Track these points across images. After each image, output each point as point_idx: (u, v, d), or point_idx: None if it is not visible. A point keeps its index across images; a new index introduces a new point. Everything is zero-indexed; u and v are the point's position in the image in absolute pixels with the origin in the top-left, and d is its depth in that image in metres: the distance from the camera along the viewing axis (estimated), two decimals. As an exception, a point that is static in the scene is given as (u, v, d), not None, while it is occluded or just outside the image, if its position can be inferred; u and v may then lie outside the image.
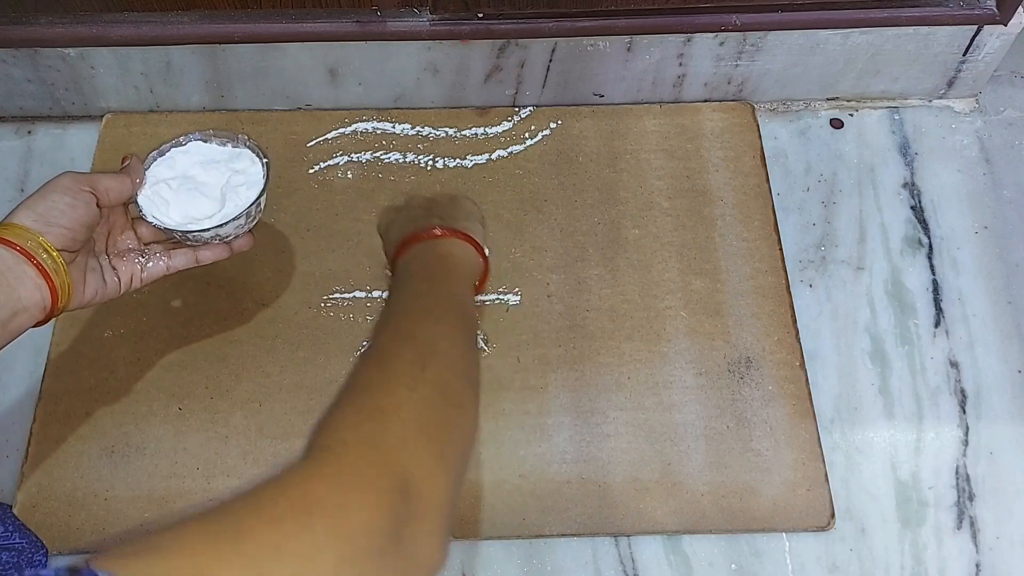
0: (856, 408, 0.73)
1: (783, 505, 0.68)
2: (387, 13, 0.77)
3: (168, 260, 0.64)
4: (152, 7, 0.75)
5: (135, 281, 0.63)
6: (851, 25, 0.79)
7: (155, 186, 0.64)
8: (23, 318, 0.55)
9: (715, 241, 0.79)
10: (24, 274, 0.54)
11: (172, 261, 0.64)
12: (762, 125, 0.85)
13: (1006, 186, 0.83)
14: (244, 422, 0.71)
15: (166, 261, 0.64)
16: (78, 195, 0.57)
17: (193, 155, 0.66)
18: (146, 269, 0.63)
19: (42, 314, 0.56)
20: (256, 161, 0.66)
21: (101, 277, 0.61)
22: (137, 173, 0.63)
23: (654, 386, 0.73)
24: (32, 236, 0.55)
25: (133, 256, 0.63)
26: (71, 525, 0.67)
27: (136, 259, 0.63)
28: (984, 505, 0.69)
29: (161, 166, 0.65)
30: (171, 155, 0.66)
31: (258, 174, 0.66)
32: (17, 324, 0.55)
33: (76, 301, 0.59)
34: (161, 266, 0.64)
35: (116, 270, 0.62)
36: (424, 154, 0.83)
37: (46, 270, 0.55)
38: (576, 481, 0.69)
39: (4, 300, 0.54)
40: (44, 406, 0.71)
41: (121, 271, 0.62)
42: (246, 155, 0.67)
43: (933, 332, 0.76)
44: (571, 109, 0.86)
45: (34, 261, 0.55)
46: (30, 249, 0.54)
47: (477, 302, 0.76)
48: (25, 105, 0.85)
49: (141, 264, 0.63)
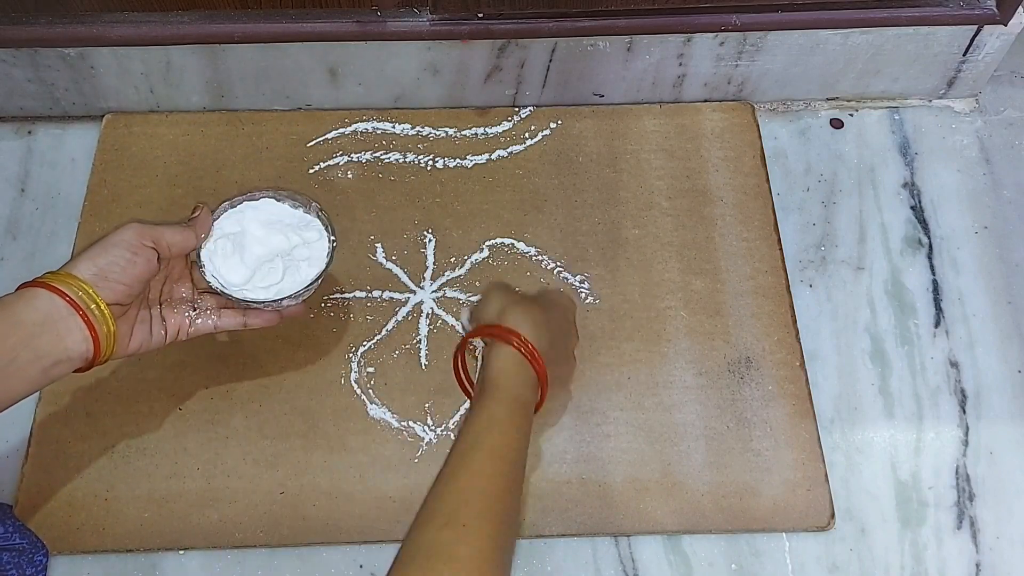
0: (856, 408, 0.73)
1: (783, 505, 0.68)
2: (387, 13, 0.77)
3: (217, 320, 0.64)
4: (152, 7, 0.75)
5: (182, 334, 0.63)
6: (851, 25, 0.79)
7: (219, 240, 0.63)
8: (64, 366, 0.56)
9: (715, 241, 0.79)
10: (74, 326, 0.55)
11: (220, 321, 0.64)
12: (762, 125, 0.85)
13: (1006, 186, 0.83)
14: (244, 422, 0.71)
15: (215, 320, 0.64)
16: (140, 251, 0.58)
17: (262, 212, 0.65)
18: (194, 324, 0.63)
19: (83, 363, 0.57)
20: (323, 235, 0.66)
21: (149, 329, 0.61)
22: (203, 226, 0.62)
23: (654, 386, 0.73)
24: (85, 288, 0.55)
25: (184, 308, 0.63)
26: (71, 525, 0.67)
27: (186, 312, 0.63)
28: (984, 505, 0.69)
29: (230, 219, 0.65)
30: (241, 208, 0.65)
31: (322, 251, 0.66)
32: (58, 372, 0.56)
33: (120, 352, 0.59)
34: (209, 324, 0.64)
35: (165, 321, 0.62)
36: (424, 154, 0.83)
37: (93, 323, 0.55)
38: (576, 481, 0.69)
39: (50, 349, 0.55)
40: (44, 406, 0.71)
41: (169, 323, 0.63)
42: (315, 225, 0.66)
43: (933, 332, 0.76)
44: (571, 109, 0.85)
45: (81, 313, 0.55)
46: (80, 302, 0.55)
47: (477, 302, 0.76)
48: (25, 105, 0.85)
49: (190, 318, 0.63)
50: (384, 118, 0.85)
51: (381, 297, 0.76)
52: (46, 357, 0.54)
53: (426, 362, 0.74)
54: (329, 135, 0.84)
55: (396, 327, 0.75)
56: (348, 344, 0.74)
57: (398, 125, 0.85)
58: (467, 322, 0.67)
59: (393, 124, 0.85)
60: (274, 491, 0.69)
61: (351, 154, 0.83)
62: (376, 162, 0.83)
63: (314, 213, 0.67)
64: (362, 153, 0.83)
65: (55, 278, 0.56)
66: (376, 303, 0.76)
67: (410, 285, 0.77)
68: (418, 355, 0.74)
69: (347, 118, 0.85)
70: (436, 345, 0.74)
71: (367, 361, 0.74)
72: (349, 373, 0.73)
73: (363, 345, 0.74)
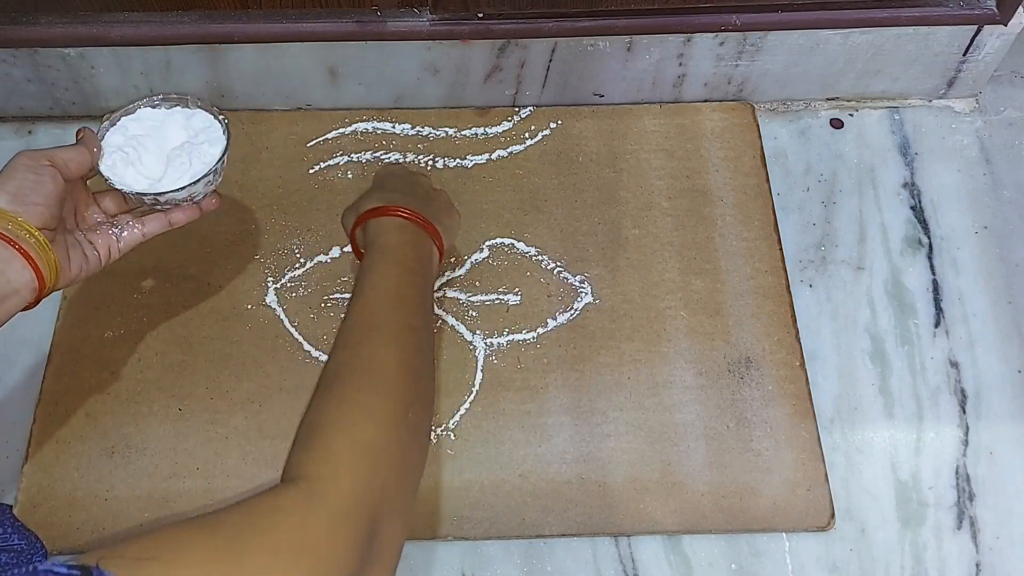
0: (856, 408, 0.73)
1: (783, 505, 0.68)
2: (387, 13, 0.77)
3: (142, 227, 0.64)
4: (152, 7, 0.75)
5: (114, 252, 0.63)
6: (851, 25, 0.79)
7: (113, 154, 0.63)
8: (13, 301, 0.55)
9: (715, 241, 0.79)
10: (12, 257, 0.54)
11: (146, 228, 0.64)
12: (762, 125, 0.85)
13: (1006, 186, 0.83)
14: (244, 423, 0.71)
15: (140, 228, 0.64)
16: (41, 170, 0.57)
17: (145, 121, 0.65)
18: (121, 239, 0.63)
19: (32, 295, 0.56)
20: (213, 120, 0.66)
21: (82, 252, 0.61)
22: (93, 143, 0.62)
23: (654, 386, 0.73)
24: (11, 218, 0.55)
25: (105, 228, 0.63)
26: (71, 525, 0.67)
27: (110, 231, 0.63)
28: (984, 505, 0.69)
29: (116, 134, 0.64)
30: (123, 123, 0.65)
31: (218, 130, 0.65)
32: (7, 308, 0.55)
33: (64, 279, 0.59)
34: (136, 233, 0.64)
35: (93, 244, 0.62)
36: (424, 154, 0.83)
37: (29, 252, 0.55)
38: (576, 481, 0.69)
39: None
40: (44, 406, 0.71)
41: (98, 244, 0.62)
42: (201, 115, 0.66)
43: (933, 332, 0.76)
44: (571, 109, 0.85)
45: (16, 245, 0.54)
46: (11, 233, 0.54)
47: (477, 302, 0.76)
48: (25, 105, 0.85)
49: (116, 235, 0.63)
50: (384, 118, 0.85)
51: (381, 297, 0.76)
52: None
53: (426, 362, 0.74)
54: (329, 135, 0.84)
55: (396, 327, 0.75)
56: (348, 344, 0.74)
57: (398, 125, 0.85)
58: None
59: (393, 124, 0.85)
60: (274, 491, 0.69)
61: (351, 154, 0.83)
62: (376, 162, 0.83)
63: (195, 106, 0.66)
64: (362, 153, 0.83)
65: None
66: (376, 303, 0.76)
67: (410, 285, 0.77)
68: (418, 355, 0.74)
69: (347, 118, 0.85)
70: (436, 345, 0.74)
71: (367, 361, 0.73)
72: (349, 373, 0.73)
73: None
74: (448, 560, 0.67)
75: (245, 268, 0.77)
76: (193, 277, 0.77)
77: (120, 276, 0.76)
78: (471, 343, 0.74)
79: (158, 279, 0.77)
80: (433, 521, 0.68)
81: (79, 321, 0.75)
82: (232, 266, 0.77)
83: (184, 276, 0.77)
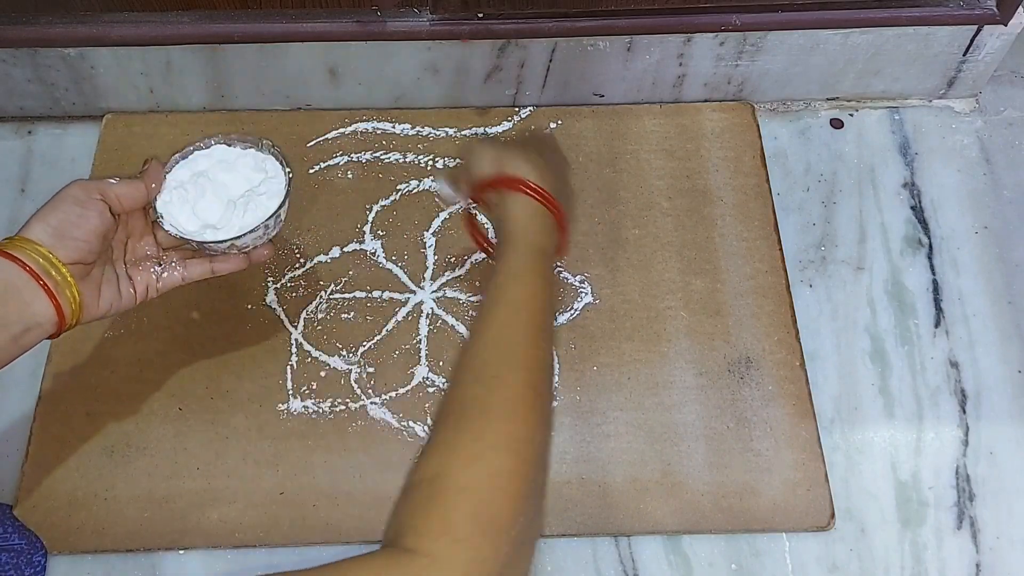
0: (856, 408, 0.73)
1: (783, 505, 0.68)
2: (387, 13, 0.77)
3: (184, 271, 0.63)
4: (152, 7, 0.75)
5: (151, 291, 0.62)
6: (851, 25, 0.79)
7: (174, 191, 0.63)
8: (36, 333, 0.55)
9: (715, 241, 0.79)
10: (36, 291, 0.54)
11: (187, 272, 0.63)
12: (762, 125, 0.85)
13: (1006, 186, 0.83)
14: (244, 423, 0.71)
15: (181, 271, 0.63)
16: (89, 205, 0.57)
17: (215, 159, 0.65)
18: (161, 279, 0.63)
19: (54, 328, 0.56)
20: (279, 170, 0.65)
21: (116, 288, 0.60)
22: (155, 178, 0.61)
23: (654, 386, 0.73)
24: (43, 252, 0.55)
25: (149, 265, 0.63)
26: (71, 525, 0.67)
27: (152, 268, 0.63)
28: (984, 505, 0.69)
29: (183, 169, 0.64)
30: (194, 158, 0.65)
31: (280, 184, 0.65)
32: (30, 339, 0.55)
33: (89, 314, 0.59)
34: (176, 276, 0.63)
35: (132, 280, 0.62)
36: (424, 154, 0.83)
37: (52, 290, 0.55)
38: (576, 481, 0.69)
39: (18, 316, 0.54)
40: (44, 406, 0.71)
41: (137, 281, 0.62)
42: (270, 163, 0.66)
43: (933, 332, 0.76)
44: (571, 109, 0.85)
45: (39, 279, 0.54)
46: (37, 269, 0.54)
47: (477, 302, 0.76)
48: (25, 105, 0.85)
49: (156, 274, 0.63)
50: (384, 118, 0.85)
51: (381, 297, 0.76)
52: (14, 325, 0.54)
53: (426, 362, 0.74)
54: (329, 135, 0.84)
55: (396, 327, 0.75)
56: (348, 344, 0.74)
57: (398, 125, 0.85)
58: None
59: (393, 124, 0.85)
60: (274, 491, 0.69)
61: (351, 154, 0.83)
62: (376, 162, 0.83)
63: (267, 151, 0.66)
64: (362, 153, 0.83)
65: (10, 244, 0.55)
66: (376, 303, 0.76)
67: (410, 285, 0.77)
68: (418, 355, 0.74)
69: (347, 118, 0.85)
70: (436, 345, 0.74)
71: (367, 361, 0.74)
72: (349, 373, 0.73)
73: (363, 345, 0.74)
74: None
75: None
76: (193, 277, 0.77)
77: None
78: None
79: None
80: (433, 521, 0.68)
81: (79, 321, 0.75)
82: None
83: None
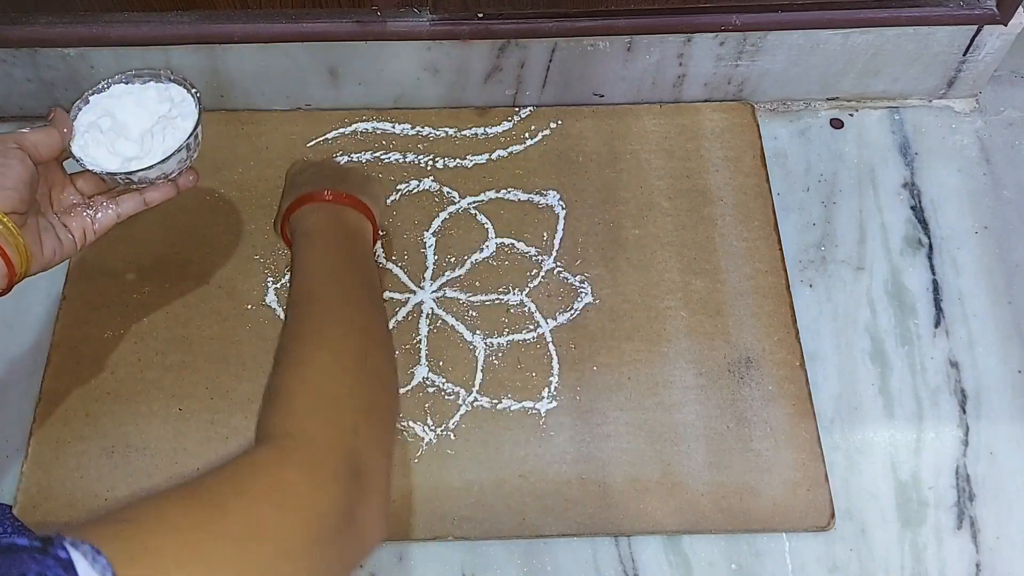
0: (856, 408, 0.73)
1: (783, 505, 0.68)
2: (387, 13, 0.77)
3: (116, 208, 0.63)
4: (152, 7, 0.75)
5: (89, 234, 0.62)
6: (851, 25, 0.79)
7: (86, 134, 0.62)
8: None
9: (715, 241, 0.79)
10: None
11: (121, 208, 0.63)
12: (762, 125, 0.85)
13: (1006, 186, 0.83)
14: (244, 423, 0.71)
15: (115, 209, 0.63)
16: (9, 154, 0.56)
17: (118, 98, 0.64)
18: (96, 220, 0.63)
19: (4, 281, 0.55)
20: (184, 94, 0.65)
21: (55, 236, 0.60)
22: (64, 124, 0.61)
23: (654, 386, 0.73)
24: None
25: (80, 210, 0.62)
26: (71, 525, 0.67)
27: (84, 212, 0.62)
28: (984, 505, 0.69)
29: (88, 113, 0.63)
30: (96, 100, 0.64)
31: (191, 105, 0.64)
32: None
33: (37, 264, 0.58)
34: (111, 214, 0.63)
35: (67, 227, 0.61)
36: (424, 154, 0.83)
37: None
38: (576, 481, 0.69)
39: None
40: (44, 406, 0.71)
41: (72, 227, 0.62)
42: (173, 89, 0.65)
43: (933, 332, 0.76)
44: (571, 109, 0.85)
45: None
46: None
47: (477, 302, 0.76)
48: (25, 105, 0.85)
49: (90, 216, 0.62)
50: (384, 118, 0.85)
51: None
52: None
53: (426, 362, 0.74)
54: (329, 135, 0.84)
55: (396, 327, 0.75)
56: (348, 344, 0.74)
57: (398, 125, 0.85)
58: None
59: (393, 124, 0.85)
60: (274, 491, 0.69)
61: (351, 154, 0.83)
62: (376, 162, 0.83)
63: (167, 80, 0.65)
64: (362, 153, 0.83)
65: None
66: (376, 303, 0.76)
67: (410, 285, 0.77)
68: (418, 355, 0.74)
69: (347, 118, 0.85)
70: (436, 345, 0.74)
71: (367, 361, 0.73)
72: (349, 373, 0.73)
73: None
74: (448, 560, 0.67)
75: (245, 268, 0.77)
76: (193, 277, 0.77)
77: (120, 276, 0.76)
78: (471, 343, 0.74)
79: (158, 279, 0.77)
80: (433, 521, 0.68)
81: (79, 321, 0.75)
82: (232, 266, 0.77)
83: (184, 276, 0.77)
